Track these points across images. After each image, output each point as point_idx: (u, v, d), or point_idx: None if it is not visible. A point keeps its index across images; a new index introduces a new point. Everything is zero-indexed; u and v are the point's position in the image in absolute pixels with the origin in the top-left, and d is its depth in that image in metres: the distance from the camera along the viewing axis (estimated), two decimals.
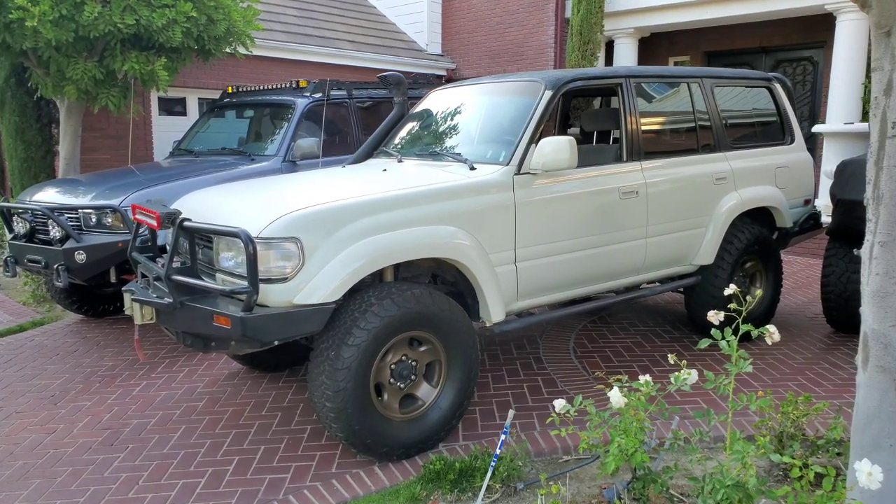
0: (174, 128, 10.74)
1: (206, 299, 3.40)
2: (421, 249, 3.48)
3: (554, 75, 4.27)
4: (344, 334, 3.30)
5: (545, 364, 4.89)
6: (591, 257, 4.23)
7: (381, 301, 3.37)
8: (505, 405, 4.22)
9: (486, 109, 4.55)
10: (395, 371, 3.53)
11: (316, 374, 3.37)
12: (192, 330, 3.41)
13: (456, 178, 3.80)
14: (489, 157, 4.06)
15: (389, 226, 3.43)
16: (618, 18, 11.83)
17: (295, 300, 3.21)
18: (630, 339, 5.45)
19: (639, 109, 4.55)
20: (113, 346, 5.69)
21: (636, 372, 4.73)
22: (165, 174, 5.89)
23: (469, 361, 3.70)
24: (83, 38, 6.57)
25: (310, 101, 6.60)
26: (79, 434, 4.08)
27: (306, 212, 3.27)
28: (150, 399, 4.57)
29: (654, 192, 4.50)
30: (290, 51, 11.56)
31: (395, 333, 3.43)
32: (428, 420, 3.63)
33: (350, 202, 3.39)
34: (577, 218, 4.14)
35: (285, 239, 3.19)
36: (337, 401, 3.29)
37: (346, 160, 6.76)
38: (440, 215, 3.60)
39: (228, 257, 3.37)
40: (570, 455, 3.63)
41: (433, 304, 3.52)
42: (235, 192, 3.94)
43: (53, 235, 5.24)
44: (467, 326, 3.67)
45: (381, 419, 3.46)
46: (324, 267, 3.24)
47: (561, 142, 3.84)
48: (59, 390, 4.77)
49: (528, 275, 3.95)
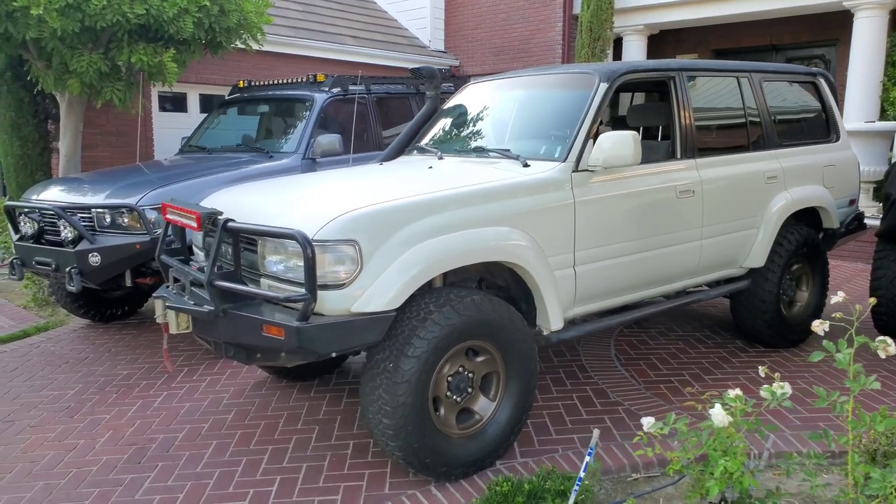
0: (175, 124, 10.41)
1: (250, 307, 3.13)
2: (483, 253, 3.23)
3: (607, 67, 4.03)
4: (402, 345, 3.04)
5: (590, 373, 4.65)
6: (649, 260, 4.00)
7: (441, 308, 3.12)
8: (558, 418, 3.98)
9: (533, 103, 4.30)
10: (452, 384, 3.27)
11: (371, 387, 3.11)
12: (237, 340, 3.13)
13: (512, 176, 3.55)
14: (543, 154, 3.81)
15: (449, 227, 3.17)
16: (627, 15, 11.64)
17: (353, 308, 2.94)
18: (672, 345, 5.22)
19: (691, 104, 4.33)
20: (125, 354, 5.38)
21: (687, 381, 4.51)
22: (179, 172, 5.59)
23: (528, 373, 3.45)
24: (88, 28, 6.24)
25: (328, 96, 6.32)
26: (101, 450, 3.79)
27: (364, 212, 3.00)
28: (174, 411, 4.28)
29: (709, 192, 4.27)
30: (294, 46, 11.26)
31: (455, 343, 3.17)
32: (486, 436, 3.38)
33: (408, 201, 3.13)
34: (635, 218, 3.90)
35: (342, 241, 2.92)
36: (396, 417, 3.03)
37: (367, 157, 6.53)
38: (499, 216, 3.35)
39: (276, 261, 3.10)
40: (639, 473, 3.39)
41: (493, 311, 3.27)
42: (274, 190, 3.67)
43: (65, 236, 4.92)
44: (526, 335, 3.42)
45: (440, 436, 3.21)
46: (383, 272, 2.98)
47: (624, 136, 3.60)
48: (74, 402, 4.47)
49: (586, 279, 3.71)
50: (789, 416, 3.92)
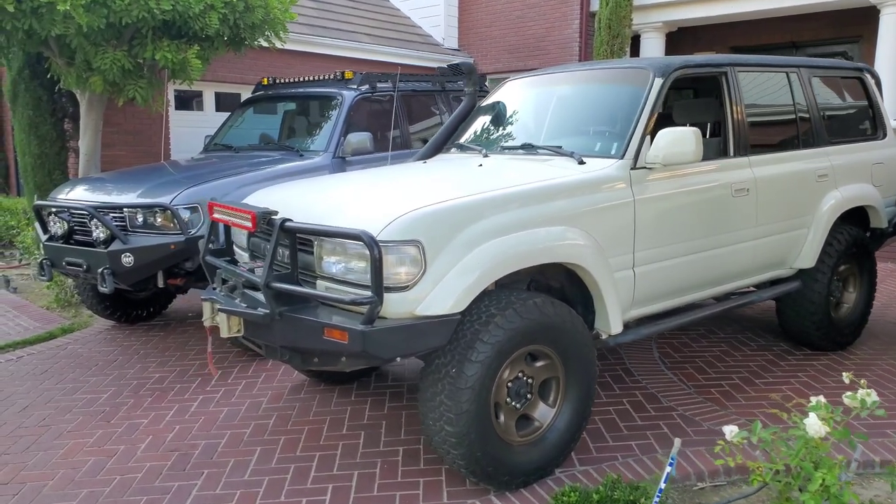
0: (191, 123, 10.30)
1: (306, 309, 3.02)
2: (548, 253, 3.12)
3: (661, 62, 3.91)
4: (465, 349, 2.93)
5: (637, 377, 4.53)
6: (705, 260, 3.89)
7: (504, 312, 3.00)
8: (612, 424, 3.86)
9: (582, 99, 4.19)
10: (512, 389, 3.16)
11: (432, 394, 2.99)
12: (295, 344, 3.01)
13: (570, 174, 3.44)
14: (598, 151, 3.70)
15: (512, 227, 3.06)
16: (646, 12, 11.51)
17: (417, 311, 2.83)
18: (715, 347, 5.10)
19: (744, 100, 4.21)
20: (155, 356, 5.27)
21: (739, 385, 4.39)
22: (209, 170, 5.47)
23: (588, 378, 3.34)
24: (112, 24, 6.13)
25: (357, 94, 6.20)
26: (144, 457, 3.67)
27: (427, 211, 2.89)
28: (213, 416, 4.17)
29: (763, 190, 4.16)
30: (310, 44, 11.14)
31: (517, 347, 3.06)
32: (546, 443, 3.26)
33: (471, 200, 3.02)
34: (693, 217, 3.79)
35: (406, 242, 2.81)
36: (459, 424, 2.92)
37: (396, 156, 6.42)
38: (561, 215, 3.24)
39: (334, 262, 2.98)
40: (705, 482, 3.28)
41: (555, 314, 3.15)
42: (324, 188, 3.56)
43: (97, 237, 4.80)
44: (587, 339, 3.31)
45: (502, 444, 3.09)
46: (446, 273, 2.87)
47: (684, 133, 3.49)
48: (109, 405, 4.36)
49: (645, 280, 3.60)
50: (854, 423, 3.80)
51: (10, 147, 11.31)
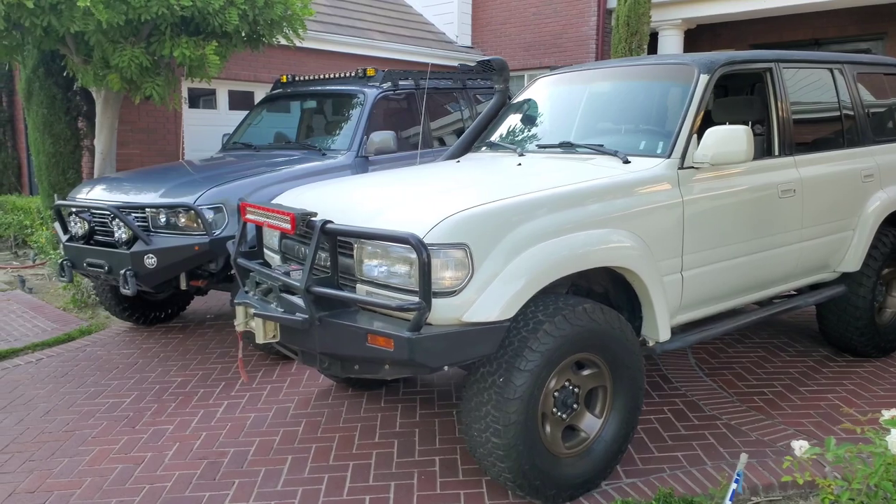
0: (204, 121, 10.18)
1: (346, 314, 2.89)
2: (599, 257, 2.99)
3: (705, 58, 3.77)
4: (513, 357, 2.80)
5: (675, 384, 4.39)
6: (752, 263, 3.75)
7: (553, 318, 2.87)
8: (655, 434, 3.72)
9: (621, 96, 4.05)
10: (558, 399, 3.02)
11: (477, 404, 2.86)
12: (336, 351, 2.88)
13: (617, 173, 3.30)
14: (643, 150, 3.56)
15: (561, 229, 2.93)
16: (665, 9, 11.35)
17: (464, 317, 2.70)
18: (751, 353, 4.95)
19: (788, 98, 4.06)
20: (176, 359, 5.16)
21: (783, 393, 4.24)
22: (231, 170, 5.34)
23: (636, 387, 3.20)
24: (130, 20, 6.02)
25: (379, 92, 6.06)
26: (172, 465, 3.56)
27: (474, 212, 2.76)
28: (240, 422, 4.04)
29: (809, 191, 4.01)
30: (323, 41, 11.01)
31: (566, 356, 2.93)
32: (593, 455, 3.13)
33: (518, 201, 2.88)
34: (740, 219, 3.65)
35: (453, 245, 2.68)
36: (508, 436, 2.79)
37: (417, 155, 6.28)
38: (610, 217, 3.10)
39: (375, 265, 2.85)
40: (759, 497, 3.13)
41: (605, 321, 3.02)
42: (361, 188, 3.43)
43: (119, 237, 4.68)
44: (636, 347, 3.17)
45: (549, 456, 2.96)
46: (495, 278, 2.73)
47: (736, 131, 3.35)
48: (133, 410, 4.24)
49: (693, 285, 3.46)
50: None
51: (21, 146, 11.23)
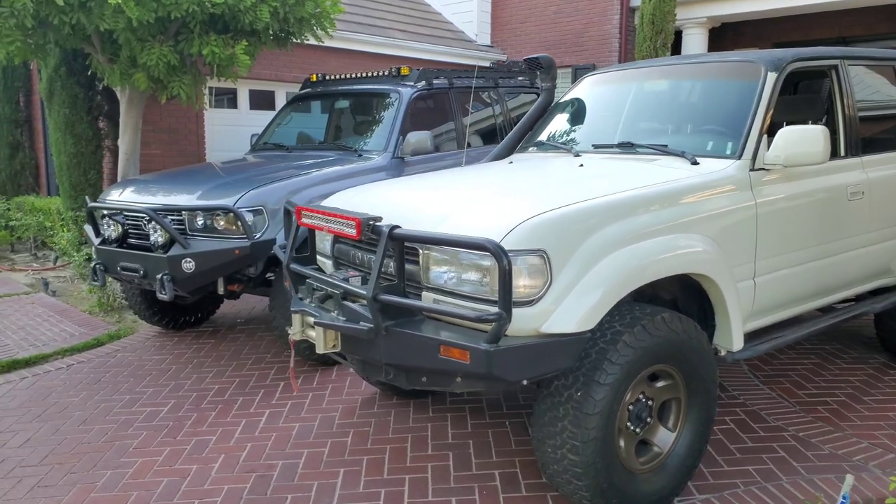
0: (225, 121, 10.07)
1: (413, 324, 2.75)
2: (679, 264, 2.85)
3: (772, 55, 3.62)
4: (592, 370, 2.66)
5: (732, 392, 4.24)
6: (821, 269, 3.60)
7: (631, 328, 2.72)
8: (721, 447, 3.57)
9: (680, 95, 3.90)
10: (632, 413, 2.88)
11: (551, 419, 2.72)
12: (405, 362, 2.74)
13: (688, 175, 3.15)
14: (710, 150, 3.41)
15: (638, 234, 2.79)
16: (690, 7, 11.18)
17: (542, 328, 2.55)
18: (804, 359, 4.80)
19: (854, 96, 3.91)
20: (210, 365, 5.03)
21: (847, 403, 4.09)
22: (266, 171, 5.21)
23: (710, 398, 3.06)
24: (160, 18, 5.90)
25: (414, 91, 5.92)
26: (219, 478, 3.42)
27: (552, 216, 2.62)
28: (285, 433, 3.91)
29: (876, 193, 3.86)
30: (344, 40, 10.87)
31: (644, 367, 2.79)
32: (667, 471, 2.99)
33: (595, 204, 2.74)
34: (811, 222, 3.50)
35: (530, 251, 2.54)
36: (586, 453, 2.64)
37: (454, 156, 6.15)
38: (685, 221, 2.96)
39: (444, 272, 2.71)
40: None
41: (683, 330, 2.87)
42: (415, 191, 3.28)
43: (155, 240, 4.55)
44: (711, 357, 3.02)
45: (626, 473, 2.82)
46: (574, 286, 2.59)
47: (812, 132, 3.20)
48: (172, 419, 4.11)
49: (764, 291, 3.32)
50: None
51: (39, 146, 11.12)
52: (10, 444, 3.84)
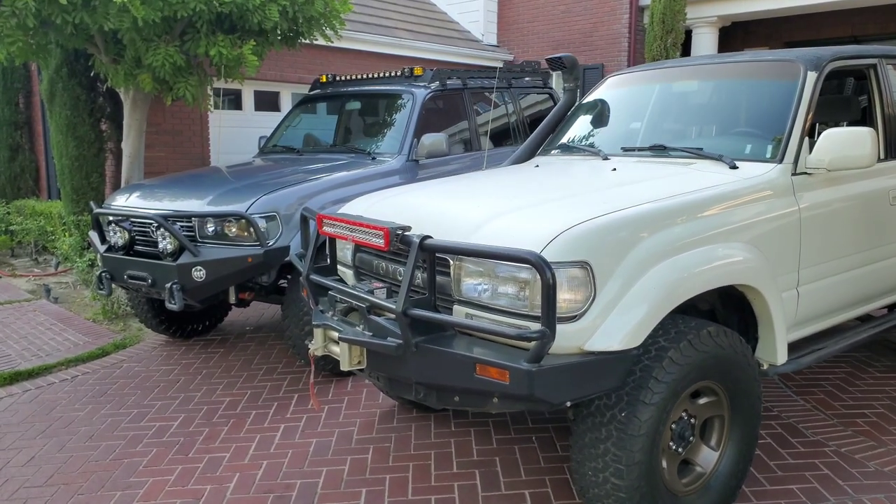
0: (230, 122, 9.88)
1: (443, 340, 2.58)
2: (725, 275, 2.68)
3: (810, 54, 3.46)
4: (636, 389, 2.50)
5: (766, 404, 4.07)
6: (862, 276, 3.45)
7: (677, 344, 2.56)
8: (760, 463, 3.41)
9: (713, 97, 3.74)
10: (675, 432, 2.72)
11: (592, 440, 2.56)
12: (437, 381, 2.58)
13: (729, 180, 2.99)
14: (749, 154, 3.25)
15: (683, 244, 2.62)
16: (700, 6, 11.03)
17: (586, 346, 2.39)
18: (836, 368, 4.64)
19: (894, 96, 3.75)
20: (220, 377, 4.86)
21: (886, 415, 3.93)
22: (277, 175, 5.04)
23: (754, 416, 2.90)
24: (166, 18, 5.73)
25: (428, 92, 5.76)
26: (236, 499, 3.26)
27: (594, 225, 2.45)
28: (302, 449, 3.74)
29: None
30: (350, 40, 10.70)
31: (689, 385, 2.63)
32: (711, 492, 2.83)
33: (639, 211, 2.58)
34: (854, 228, 3.35)
35: (572, 263, 2.38)
36: (631, 477, 2.48)
37: (468, 157, 5.99)
38: (730, 229, 2.80)
39: (477, 285, 2.55)
40: None
41: (728, 345, 2.71)
42: (440, 197, 3.12)
43: (163, 248, 4.38)
44: (755, 372, 2.86)
45: (670, 495, 2.66)
46: (619, 300, 2.43)
47: (858, 134, 3.04)
48: (183, 435, 3.95)
49: (807, 301, 3.16)
50: None
51: (39, 149, 10.95)
52: (13, 463, 3.67)
